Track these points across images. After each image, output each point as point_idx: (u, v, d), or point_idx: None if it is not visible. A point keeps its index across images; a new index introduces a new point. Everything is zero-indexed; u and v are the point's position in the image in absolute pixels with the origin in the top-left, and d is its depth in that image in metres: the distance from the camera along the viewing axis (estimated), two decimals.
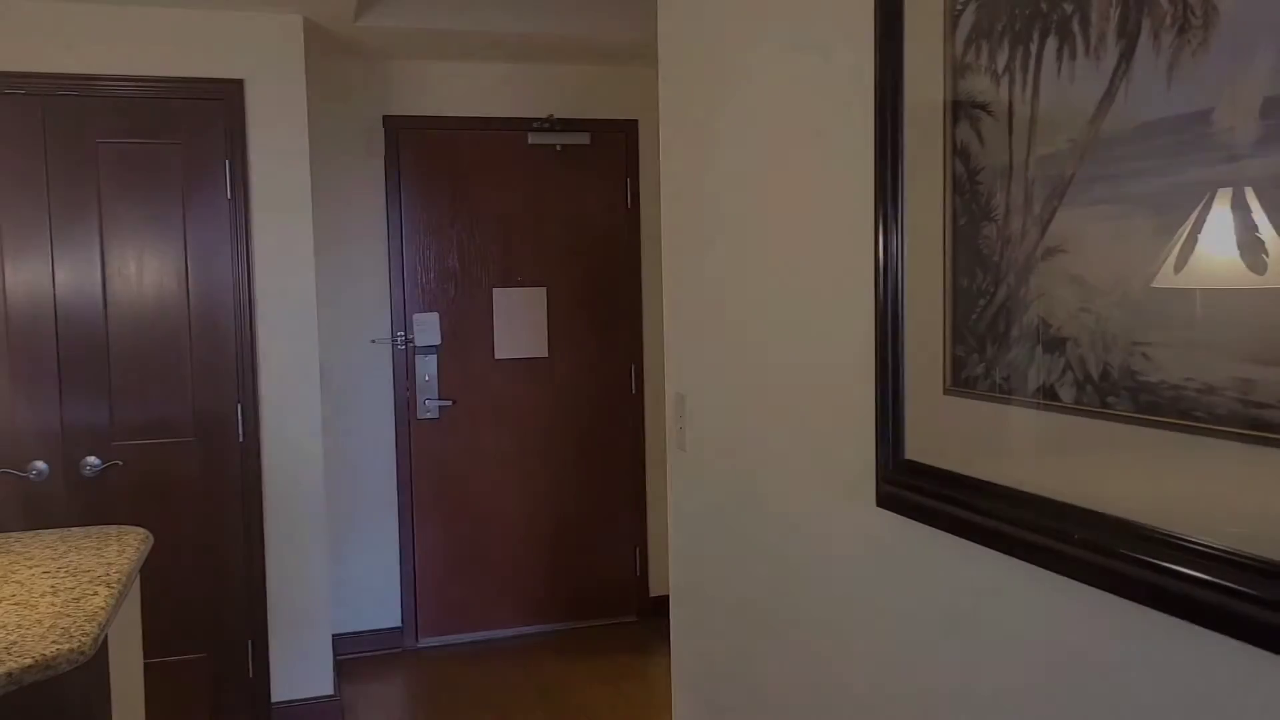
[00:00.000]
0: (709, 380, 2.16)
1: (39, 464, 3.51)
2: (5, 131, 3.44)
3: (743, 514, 2.01)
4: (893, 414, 1.41)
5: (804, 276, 1.71)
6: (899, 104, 1.37)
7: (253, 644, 3.73)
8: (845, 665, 1.64)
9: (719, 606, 2.15)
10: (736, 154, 1.95)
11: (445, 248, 4.52)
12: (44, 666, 1.71)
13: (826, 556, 1.69)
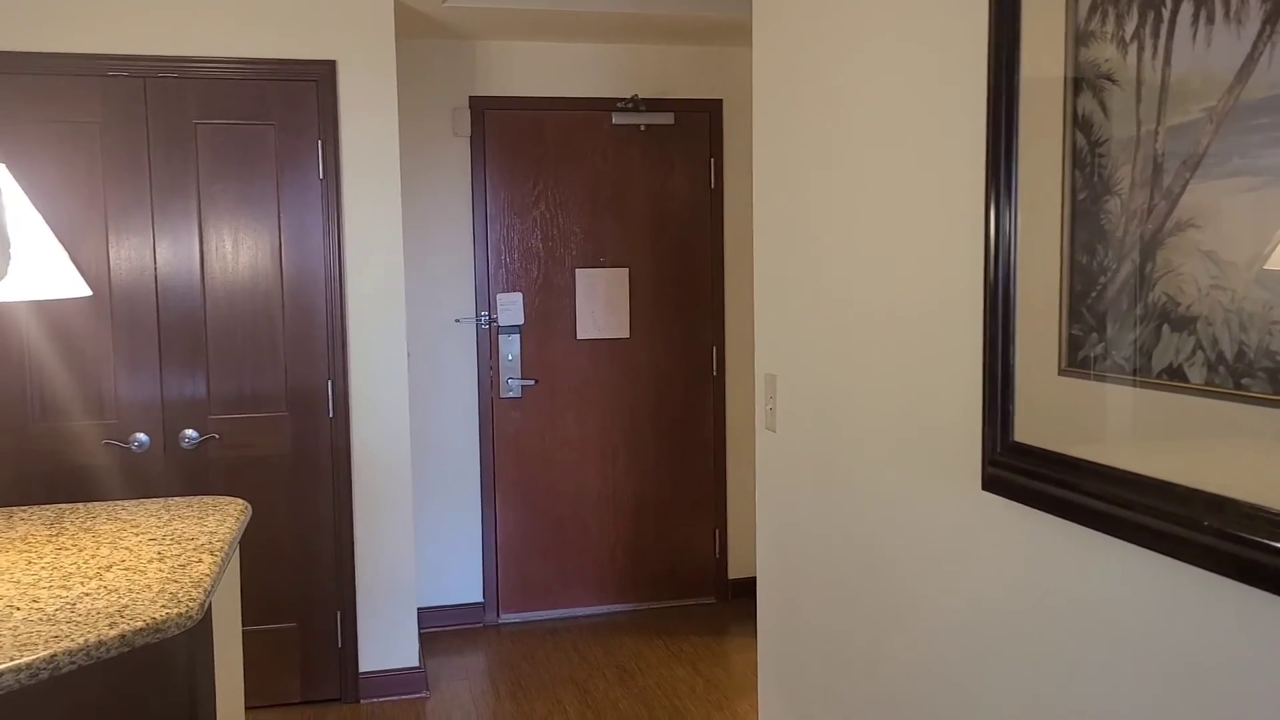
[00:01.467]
0: (801, 360, 2.13)
1: (140, 435, 3.63)
2: (111, 113, 3.54)
3: (834, 495, 1.99)
4: (1001, 396, 1.37)
5: (906, 255, 1.68)
6: (1014, 74, 1.33)
7: (341, 615, 3.82)
8: (942, 651, 1.61)
9: (808, 588, 2.13)
10: (835, 131, 1.92)
11: (529, 228, 4.55)
12: (154, 629, 1.76)
13: (923, 540, 1.66)
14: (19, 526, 2.41)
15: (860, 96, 1.82)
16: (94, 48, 3.48)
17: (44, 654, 1.61)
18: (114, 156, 3.56)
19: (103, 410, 3.61)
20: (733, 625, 4.54)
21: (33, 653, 1.61)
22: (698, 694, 3.84)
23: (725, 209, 4.72)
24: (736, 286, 4.75)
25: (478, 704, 3.80)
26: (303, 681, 3.82)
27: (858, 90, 1.82)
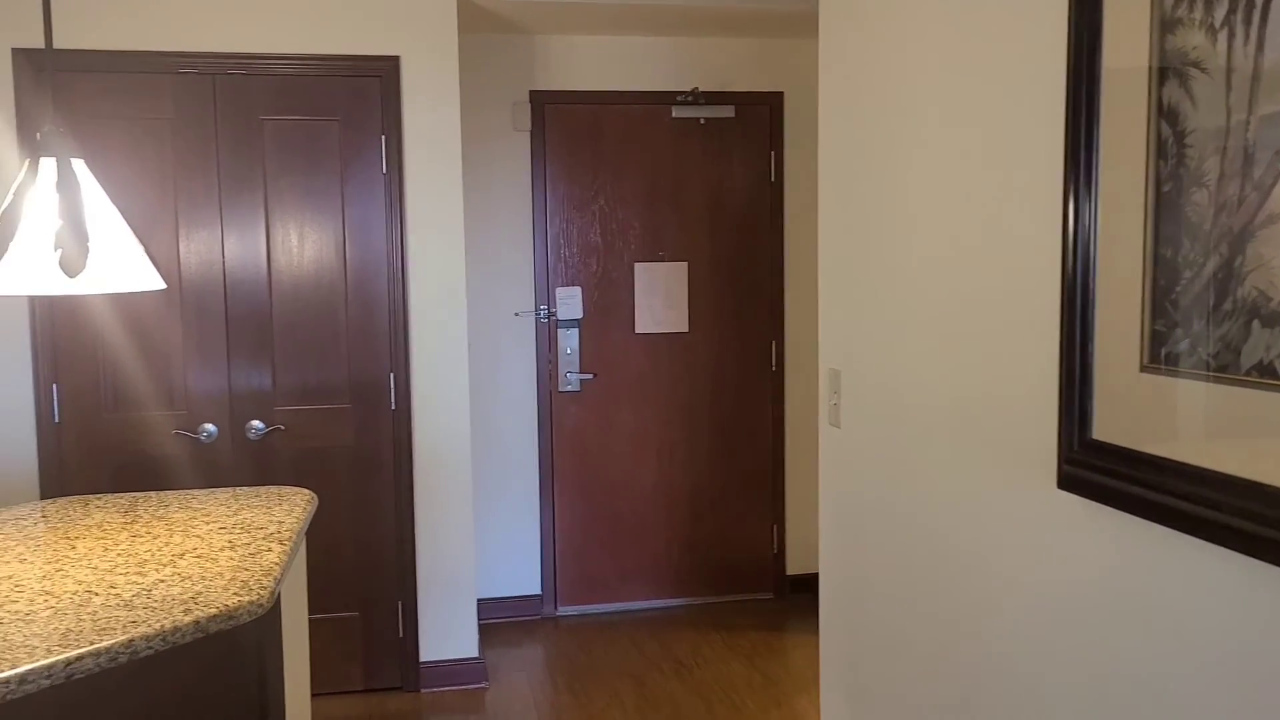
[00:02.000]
0: (866, 355, 2.11)
1: (209, 426, 3.70)
2: (181, 109, 3.61)
3: (900, 493, 1.97)
4: (1080, 393, 1.34)
5: (978, 249, 1.65)
6: (1095, 62, 1.30)
7: (402, 605, 3.86)
8: (1012, 652, 1.58)
9: (872, 585, 2.11)
10: (904, 123, 1.89)
11: (588, 222, 4.56)
12: (227, 616, 1.80)
13: (993, 539, 1.63)
14: (95, 514, 2.47)
15: (931, 87, 1.79)
16: (166, 45, 3.55)
17: (122, 639, 1.65)
18: (184, 152, 3.63)
19: (173, 401, 3.69)
20: (791, 621, 4.52)
21: (111, 637, 1.65)
22: (756, 689, 3.83)
23: (785, 202, 4.69)
24: (796, 281, 4.72)
25: (536, 696, 3.82)
26: (364, 669, 3.87)
27: (928, 81, 1.79)
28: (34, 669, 1.53)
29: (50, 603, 1.82)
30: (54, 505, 2.57)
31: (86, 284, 1.92)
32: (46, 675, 1.54)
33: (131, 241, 2.03)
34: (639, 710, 3.66)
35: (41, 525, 2.37)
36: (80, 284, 1.91)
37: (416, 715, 3.68)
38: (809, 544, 4.83)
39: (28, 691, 1.52)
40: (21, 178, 1.97)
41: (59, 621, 1.72)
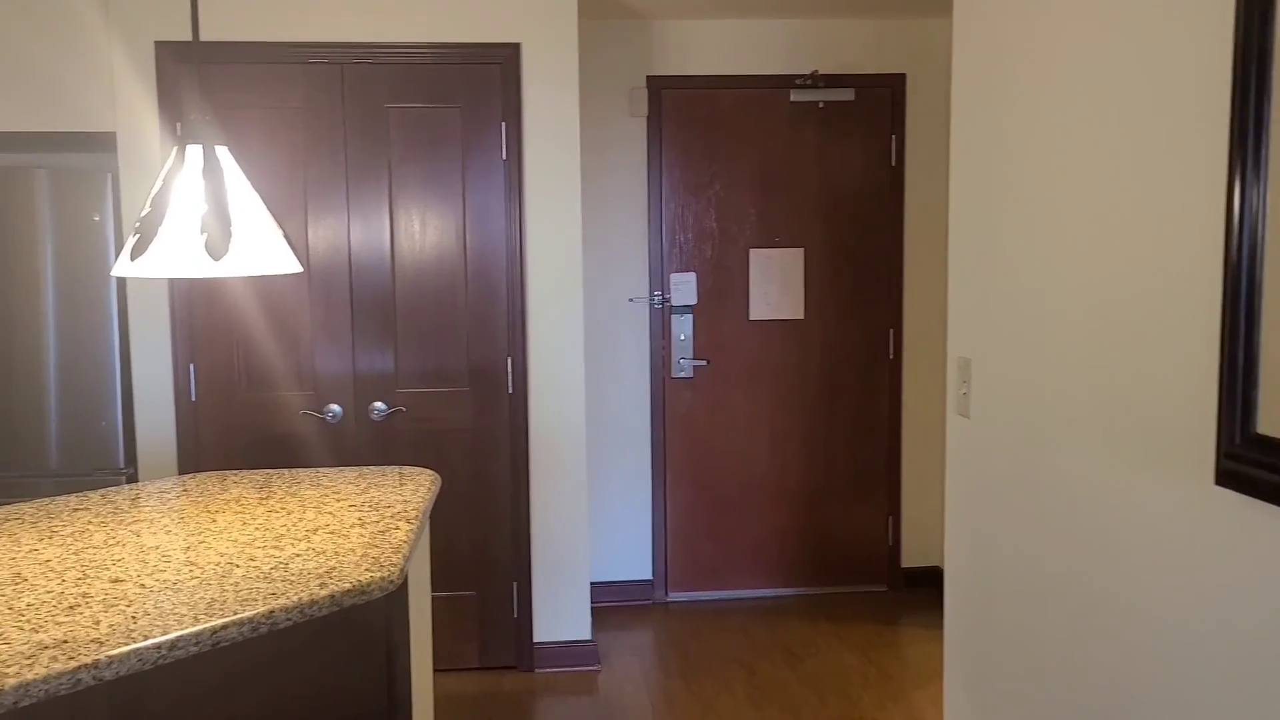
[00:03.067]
0: (999, 343, 2.04)
1: (334, 407, 3.82)
2: (311, 98, 3.72)
3: (1033, 486, 1.90)
4: (1243, 384, 1.27)
5: (1125, 232, 1.57)
6: (1267, 34, 1.22)
7: (517, 586, 3.92)
8: (1156, 659, 1.51)
9: (1002, 582, 2.05)
10: (1047, 102, 1.82)
11: (704, 207, 4.54)
12: (360, 591, 1.84)
13: (1138, 537, 1.56)
14: (232, 489, 2.57)
15: (1076, 65, 1.71)
16: (298, 36, 3.66)
17: (263, 610, 1.71)
18: (313, 140, 3.74)
19: (301, 382, 3.81)
20: (906, 615, 4.43)
21: (253, 608, 1.71)
22: (870, 682, 3.77)
23: (906, 187, 4.59)
24: (917, 267, 4.61)
25: (648, 680, 3.84)
26: (480, 648, 3.95)
27: (1073, 58, 1.72)
28: (183, 636, 1.59)
29: (195, 573, 1.89)
30: (194, 480, 2.68)
31: (230, 266, 1.99)
32: (195, 642, 1.60)
33: (271, 226, 2.10)
34: (750, 699, 3.65)
35: (183, 499, 2.47)
36: (224, 266, 1.98)
37: (531, 695, 3.74)
38: (926, 536, 4.73)
39: (177, 657, 1.59)
40: (170, 164, 2.05)
41: (204, 591, 1.79)
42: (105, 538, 2.13)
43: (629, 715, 3.54)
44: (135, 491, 2.54)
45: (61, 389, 3.80)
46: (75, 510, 2.35)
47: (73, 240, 3.75)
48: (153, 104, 3.65)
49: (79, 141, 3.94)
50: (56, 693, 1.44)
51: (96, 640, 1.55)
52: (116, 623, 1.63)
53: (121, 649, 1.52)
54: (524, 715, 3.58)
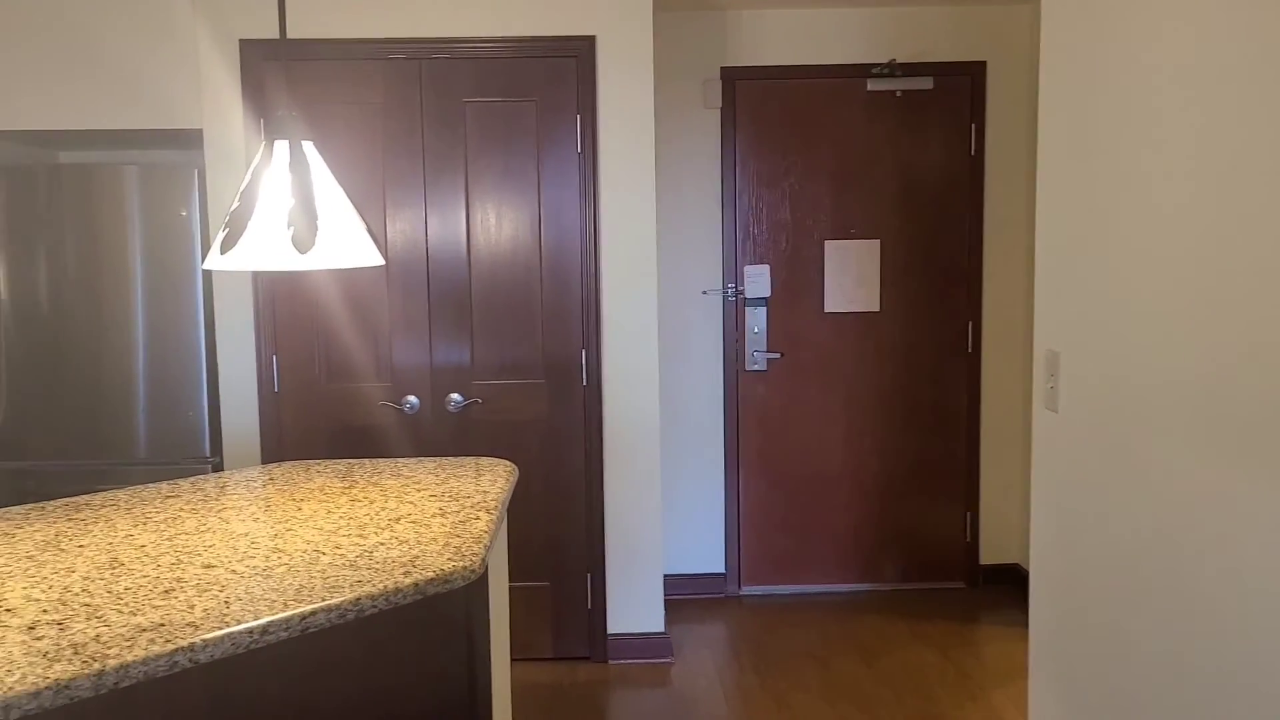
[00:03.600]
0: (1090, 335, 1.99)
1: (412, 398, 3.87)
2: (390, 93, 3.77)
3: (1126, 482, 1.85)
4: None
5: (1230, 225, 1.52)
6: None
7: (591, 577, 3.94)
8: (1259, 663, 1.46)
9: (1091, 581, 2.00)
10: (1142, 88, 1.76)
11: (778, 199, 4.50)
12: (443, 580, 1.87)
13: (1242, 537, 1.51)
14: (316, 478, 2.62)
15: (1174, 46, 1.66)
16: (378, 33, 3.71)
17: (350, 596, 1.74)
18: (392, 135, 3.79)
19: (379, 374, 3.87)
20: (984, 613, 4.36)
21: (340, 595, 1.74)
22: (948, 681, 3.72)
23: (986, 177, 4.50)
24: (997, 259, 4.52)
25: (721, 673, 3.83)
26: (554, 638, 3.97)
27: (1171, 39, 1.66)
28: (274, 621, 1.63)
29: (283, 560, 1.93)
30: (279, 469, 2.74)
31: (316, 260, 2.02)
32: (285, 627, 1.64)
33: (355, 219, 2.13)
34: (825, 694, 3.62)
35: (269, 487, 2.53)
36: (310, 260, 2.01)
37: (605, 685, 3.76)
38: (1005, 533, 4.64)
39: (268, 641, 1.62)
40: (258, 159, 2.09)
41: (292, 578, 1.82)
42: (196, 524, 2.18)
43: (703, 708, 3.54)
44: (223, 480, 2.61)
45: (150, 380, 3.91)
46: (167, 497, 2.42)
47: (161, 235, 3.86)
48: (237, 101, 3.73)
49: (167, 138, 4.04)
50: (155, 674, 1.48)
51: (192, 624, 1.59)
52: (210, 607, 1.67)
53: (216, 633, 1.56)
54: (598, 706, 3.60)
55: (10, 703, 1.34)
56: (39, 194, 3.85)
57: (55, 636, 1.54)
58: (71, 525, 2.17)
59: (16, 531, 2.13)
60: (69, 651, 1.48)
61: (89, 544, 2.03)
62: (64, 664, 1.43)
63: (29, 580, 1.81)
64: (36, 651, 1.48)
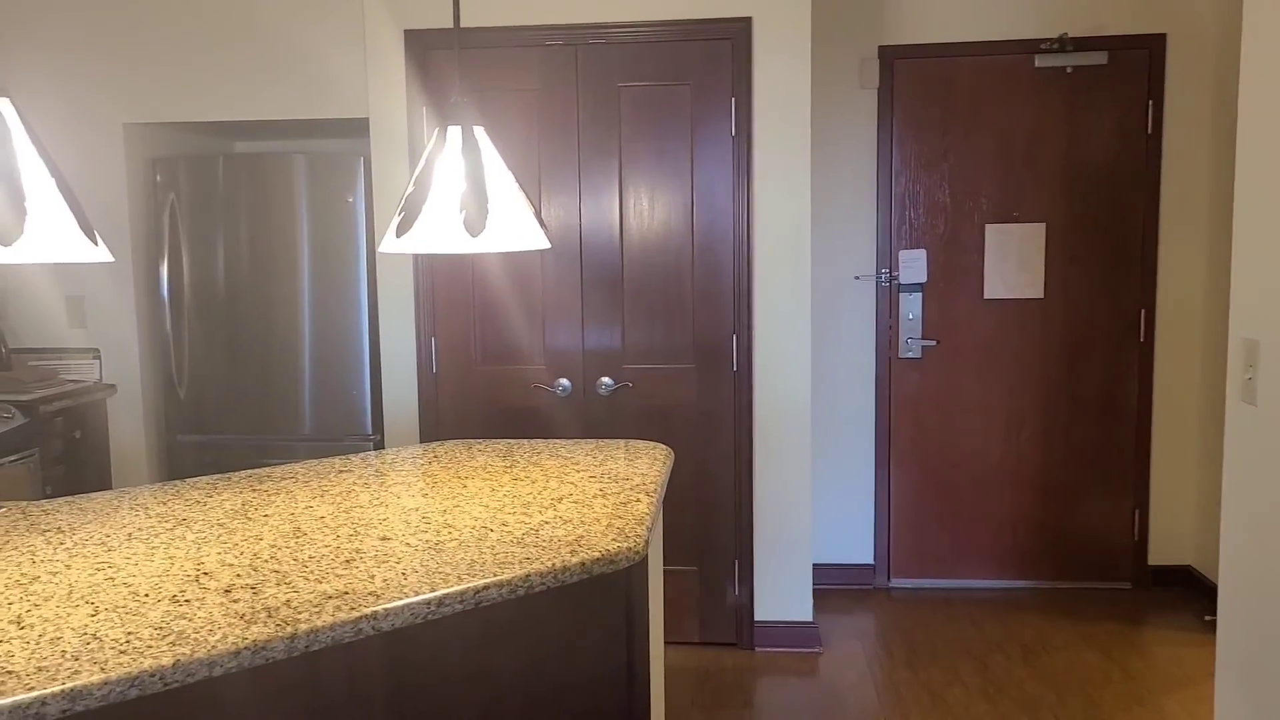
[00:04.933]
0: None
1: (564, 381, 3.92)
2: (547, 79, 3.82)
3: None
4: None
5: None
6: None
7: (739, 563, 3.93)
8: None
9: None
10: None
11: (936, 181, 4.37)
12: (609, 560, 1.88)
13: None
14: (478, 457, 2.68)
15: None
16: (535, 19, 3.76)
17: (520, 573, 1.76)
18: (548, 120, 3.84)
19: (533, 356, 3.94)
20: (1153, 614, 4.15)
21: (510, 571, 1.77)
22: (1113, 684, 3.55)
23: (1164, 157, 4.25)
24: (1174, 243, 4.28)
25: (871, 666, 3.76)
26: (701, 623, 3.98)
27: None
28: (449, 593, 1.67)
29: (453, 535, 1.98)
30: (442, 447, 2.81)
31: (486, 243, 2.06)
32: (459, 600, 1.67)
33: (524, 203, 2.16)
34: (983, 692, 3.51)
35: (435, 465, 2.60)
36: (481, 243, 2.05)
37: (752, 673, 3.74)
38: (1177, 533, 4.40)
39: (443, 614, 1.66)
40: (431, 145, 2.14)
41: (463, 553, 1.87)
42: (370, 498, 2.26)
43: (853, 700, 3.48)
44: (391, 457, 2.69)
45: (315, 361, 4.09)
46: (340, 472, 2.52)
47: (327, 221, 4.02)
48: (402, 90, 3.84)
49: (334, 127, 4.20)
50: (341, 640, 1.54)
51: (373, 593, 1.65)
52: (389, 578, 1.72)
53: (396, 603, 1.61)
54: (746, 692, 3.58)
55: (214, 661, 1.41)
56: (217, 183, 4.07)
57: (250, 600, 1.61)
58: (256, 496, 2.28)
59: (208, 500, 2.25)
60: (263, 615, 1.55)
61: (273, 514, 2.13)
62: (259, 626, 1.50)
63: (222, 546, 1.91)
64: (234, 614, 1.55)
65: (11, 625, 1.51)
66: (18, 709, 1.26)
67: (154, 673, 1.36)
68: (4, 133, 1.47)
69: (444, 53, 3.83)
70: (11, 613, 1.56)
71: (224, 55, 3.94)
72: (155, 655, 1.39)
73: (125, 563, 1.81)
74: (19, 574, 1.76)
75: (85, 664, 1.36)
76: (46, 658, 1.39)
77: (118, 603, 1.60)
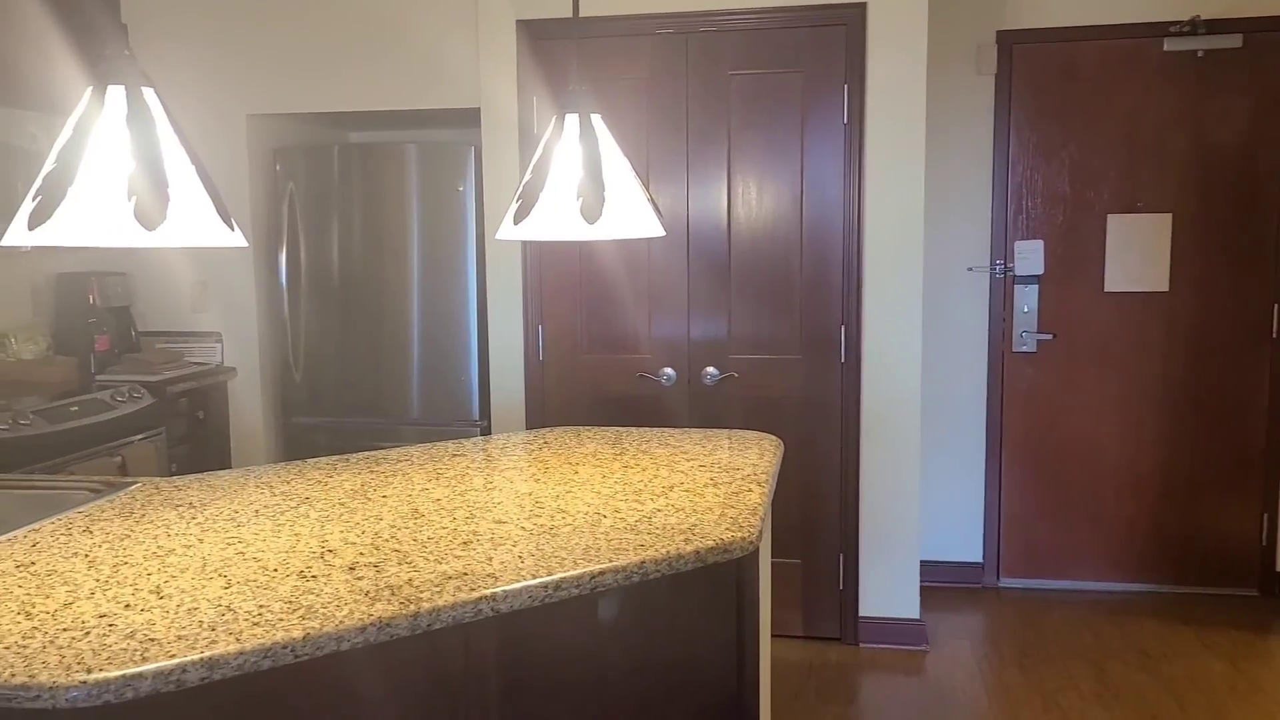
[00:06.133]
0: None
1: (668, 370, 3.92)
2: (656, 68, 3.81)
3: None
4: None
5: None
6: None
7: (844, 557, 3.87)
8: None
9: None
10: None
11: (1055, 170, 4.22)
12: (723, 550, 1.87)
13: None
14: (587, 444, 2.69)
15: None
16: (647, 8, 3.75)
17: (635, 559, 1.77)
18: (657, 109, 3.83)
19: (637, 345, 3.95)
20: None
21: (626, 558, 1.77)
22: (1239, 695, 3.40)
23: None
24: None
25: (981, 666, 3.67)
26: (804, 616, 3.94)
27: None
28: (566, 578, 1.68)
29: (567, 520, 2.00)
30: (551, 434, 2.84)
31: (603, 230, 2.06)
32: (576, 585, 1.68)
33: (640, 191, 2.15)
34: (1099, 698, 3.39)
35: (545, 451, 2.62)
36: (598, 230, 2.06)
37: (857, 668, 3.69)
38: None
39: (560, 597, 1.68)
40: (549, 133, 2.16)
41: (578, 538, 1.88)
42: (483, 482, 2.29)
43: (961, 700, 3.41)
44: (502, 442, 2.73)
45: (424, 346, 4.17)
46: (454, 456, 2.56)
47: (438, 209, 4.09)
48: (513, 80, 3.88)
49: (445, 117, 4.27)
50: (461, 620, 1.56)
51: (491, 575, 1.67)
52: (506, 560, 1.74)
53: (514, 585, 1.63)
54: (851, 688, 3.53)
55: (342, 636, 1.45)
56: (332, 172, 4.17)
57: (374, 578, 1.65)
58: (374, 477, 2.33)
59: (328, 480, 2.31)
60: (387, 593, 1.58)
61: (391, 495, 2.18)
62: (384, 604, 1.53)
63: (344, 525, 1.96)
64: (359, 590, 1.59)
65: (152, 595, 1.57)
66: (160, 674, 1.31)
67: (286, 645, 1.40)
68: (149, 121, 1.52)
69: (555, 43, 3.85)
70: (151, 583, 1.63)
71: (341, 47, 4.04)
72: (286, 628, 1.43)
73: (254, 538, 1.87)
74: (155, 546, 1.83)
75: (221, 634, 1.41)
76: (185, 627, 1.44)
77: (248, 576, 1.66)
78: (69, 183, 1.46)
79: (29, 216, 1.46)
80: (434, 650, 1.76)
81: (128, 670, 1.30)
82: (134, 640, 1.39)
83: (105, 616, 1.48)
